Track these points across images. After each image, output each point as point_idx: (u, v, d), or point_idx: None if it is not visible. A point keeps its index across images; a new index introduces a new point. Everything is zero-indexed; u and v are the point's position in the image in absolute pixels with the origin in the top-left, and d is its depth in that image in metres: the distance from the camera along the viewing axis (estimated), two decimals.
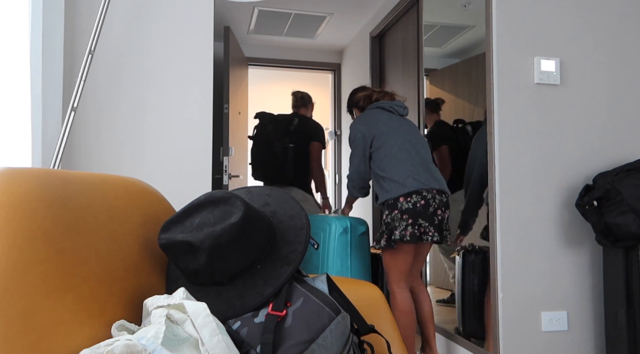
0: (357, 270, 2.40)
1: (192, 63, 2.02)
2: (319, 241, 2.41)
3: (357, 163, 2.24)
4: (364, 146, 2.21)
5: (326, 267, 2.35)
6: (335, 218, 2.41)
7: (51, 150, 1.69)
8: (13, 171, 0.69)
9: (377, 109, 2.30)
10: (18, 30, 1.52)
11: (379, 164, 2.16)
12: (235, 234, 0.81)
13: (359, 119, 2.29)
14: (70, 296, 0.67)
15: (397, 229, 2.03)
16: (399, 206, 2.04)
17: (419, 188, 2.04)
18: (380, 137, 2.17)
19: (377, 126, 2.20)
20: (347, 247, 2.36)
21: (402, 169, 2.09)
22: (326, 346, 0.77)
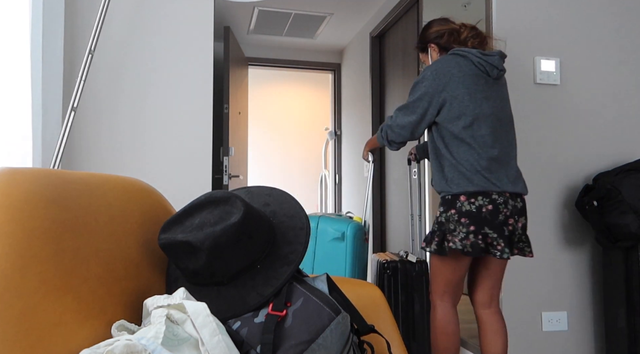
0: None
1: (192, 63, 2.02)
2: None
3: (410, 122, 1.70)
4: (427, 106, 1.66)
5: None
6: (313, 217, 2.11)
7: (51, 150, 1.69)
8: (13, 171, 0.69)
9: (463, 60, 1.68)
10: (18, 31, 1.52)
11: (444, 139, 1.67)
12: (235, 234, 0.81)
13: (436, 67, 1.67)
14: (70, 296, 0.67)
15: (453, 234, 1.60)
16: (458, 205, 1.60)
17: (488, 189, 1.59)
18: (456, 106, 1.63)
19: (457, 88, 1.63)
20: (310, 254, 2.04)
21: (472, 158, 1.61)
22: (326, 346, 0.77)
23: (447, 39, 1.79)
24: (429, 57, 1.85)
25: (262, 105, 6.15)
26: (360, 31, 4.05)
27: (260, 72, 5.81)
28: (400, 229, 3.25)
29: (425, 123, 1.69)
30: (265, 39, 4.30)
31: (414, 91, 1.71)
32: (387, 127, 1.79)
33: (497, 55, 1.69)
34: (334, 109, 4.63)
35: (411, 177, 3.09)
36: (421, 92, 1.67)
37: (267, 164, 5.99)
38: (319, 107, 6.24)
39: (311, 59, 4.58)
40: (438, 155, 1.70)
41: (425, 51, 1.88)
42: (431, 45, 1.83)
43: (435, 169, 1.72)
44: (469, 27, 1.80)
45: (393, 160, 3.39)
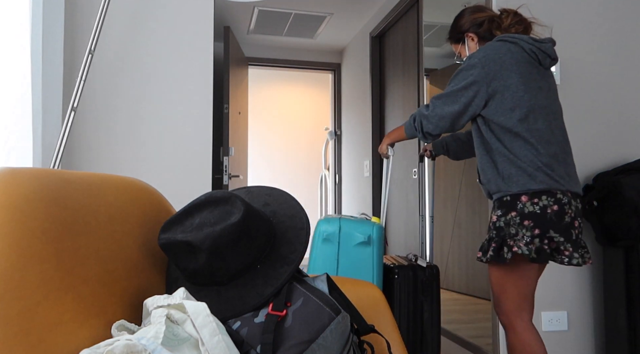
0: None
1: (192, 63, 2.02)
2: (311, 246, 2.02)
3: (451, 113, 1.54)
4: (473, 96, 1.50)
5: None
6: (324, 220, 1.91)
7: (51, 150, 1.70)
8: (13, 171, 0.69)
9: (514, 46, 1.51)
10: (18, 31, 1.52)
11: (498, 133, 1.50)
12: (235, 234, 0.81)
13: (485, 53, 1.51)
14: (70, 296, 0.67)
15: (515, 239, 1.42)
16: (519, 206, 1.43)
17: (552, 187, 1.42)
18: (509, 97, 1.47)
19: (510, 76, 1.48)
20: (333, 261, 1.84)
21: (532, 153, 1.45)
22: (326, 346, 0.77)
23: (487, 26, 1.64)
24: (466, 48, 1.70)
25: (262, 105, 6.15)
26: (360, 31, 4.05)
27: (260, 72, 5.82)
28: (401, 230, 3.25)
29: (468, 115, 1.53)
30: (265, 39, 4.30)
31: (458, 78, 1.54)
32: (423, 117, 1.61)
33: (549, 42, 1.54)
34: (334, 109, 4.63)
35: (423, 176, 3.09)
36: (468, 80, 1.50)
37: (267, 164, 6.00)
38: (319, 107, 6.25)
39: (311, 59, 4.58)
40: (489, 150, 1.53)
41: (459, 42, 1.72)
42: (469, 35, 1.68)
43: (485, 166, 1.54)
44: (512, 13, 1.64)
45: (393, 160, 3.39)
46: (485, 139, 1.54)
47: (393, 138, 1.88)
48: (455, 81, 1.55)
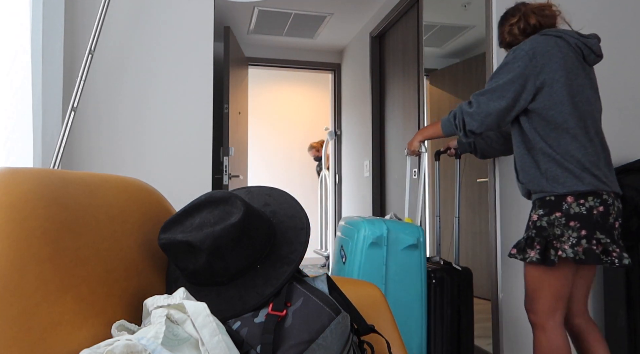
0: (400, 305, 1.67)
1: (192, 63, 2.02)
2: (347, 252, 1.77)
3: (498, 109, 1.47)
4: (521, 91, 1.44)
5: None
6: (367, 222, 1.72)
7: (51, 150, 1.70)
8: (13, 171, 0.69)
9: (560, 40, 1.47)
10: (18, 31, 1.52)
11: (539, 129, 1.45)
12: (235, 234, 0.81)
13: (532, 45, 1.46)
14: (70, 296, 0.67)
15: (561, 240, 1.40)
16: (564, 207, 1.40)
17: (599, 188, 1.40)
18: (557, 90, 1.42)
19: (558, 70, 1.43)
20: (381, 266, 1.67)
21: (579, 152, 1.41)
22: (326, 346, 0.77)
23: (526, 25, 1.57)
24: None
25: (262, 105, 6.15)
26: (360, 31, 4.05)
27: (260, 72, 5.82)
28: None
29: (516, 110, 1.46)
30: (265, 39, 4.30)
31: (502, 73, 1.47)
32: (466, 114, 1.53)
33: (594, 38, 1.50)
34: (334, 109, 4.63)
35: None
36: (514, 73, 1.44)
37: (267, 164, 6.00)
38: (319, 107, 6.24)
39: (311, 59, 4.58)
40: (530, 148, 1.48)
41: (511, 47, 1.64)
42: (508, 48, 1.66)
43: (526, 165, 1.50)
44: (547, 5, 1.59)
45: (393, 160, 3.39)
46: (528, 137, 1.48)
47: (427, 135, 1.79)
48: (500, 75, 1.47)
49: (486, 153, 1.93)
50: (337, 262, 1.90)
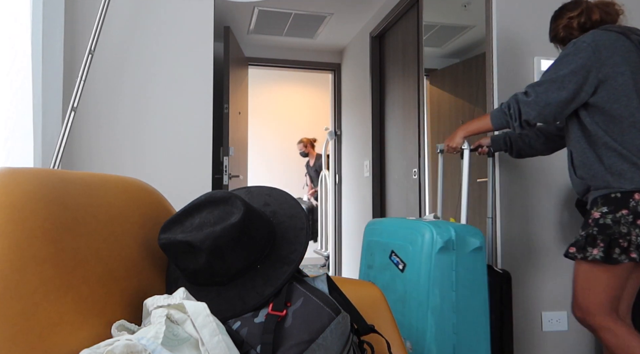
0: (469, 311, 1.55)
1: (192, 63, 2.02)
2: (406, 258, 1.60)
3: (558, 100, 1.41)
4: (583, 83, 1.40)
5: (416, 300, 1.53)
6: (431, 224, 1.59)
7: (51, 150, 1.69)
8: (13, 171, 0.69)
9: (621, 35, 1.44)
10: (18, 31, 1.52)
11: (605, 125, 1.40)
12: (235, 234, 0.81)
13: (594, 37, 1.43)
14: (70, 296, 0.67)
15: (628, 240, 1.35)
16: (632, 204, 1.35)
17: None
18: (621, 83, 1.39)
19: (621, 64, 1.40)
20: (450, 272, 1.54)
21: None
22: (326, 346, 0.77)
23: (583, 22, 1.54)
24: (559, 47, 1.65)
25: (262, 105, 6.15)
26: (360, 31, 4.05)
27: (260, 72, 5.82)
28: None
29: (576, 103, 1.42)
30: (265, 39, 4.30)
31: (562, 64, 1.42)
32: (523, 103, 1.46)
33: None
34: (334, 109, 4.63)
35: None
36: (576, 64, 1.40)
37: (267, 164, 6.00)
38: (319, 107, 6.24)
39: (311, 59, 4.58)
40: (592, 143, 1.42)
41: (564, 42, 1.60)
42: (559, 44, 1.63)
43: (588, 160, 1.44)
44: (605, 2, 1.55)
45: (393, 160, 3.39)
46: (589, 132, 1.42)
47: (472, 130, 1.70)
48: (561, 66, 1.42)
49: (523, 152, 1.85)
50: (376, 269, 1.72)
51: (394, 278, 1.61)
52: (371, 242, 1.76)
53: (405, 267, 1.55)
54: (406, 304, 1.54)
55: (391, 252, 1.64)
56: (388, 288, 1.63)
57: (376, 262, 1.71)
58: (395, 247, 1.64)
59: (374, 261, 1.73)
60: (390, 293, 1.61)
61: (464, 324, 1.51)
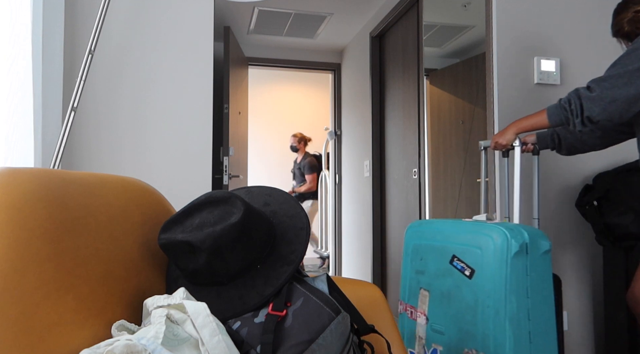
0: (542, 318, 1.45)
1: (192, 63, 2.02)
2: (473, 264, 1.48)
3: (627, 96, 1.35)
4: None
5: (492, 309, 1.41)
6: (502, 226, 1.47)
7: (51, 150, 1.69)
8: (13, 171, 0.69)
9: None
10: (19, 31, 1.52)
11: None
12: (235, 234, 0.81)
13: None
14: (70, 296, 0.67)
15: None
16: None
17: None
18: None
19: None
20: (525, 278, 1.43)
21: None
22: (326, 346, 0.77)
23: (630, 26, 1.52)
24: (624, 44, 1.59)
25: (262, 105, 6.15)
26: (360, 31, 4.05)
27: (260, 72, 5.82)
28: (401, 231, 3.25)
29: None
30: (265, 39, 4.30)
31: (631, 58, 1.36)
32: (586, 98, 1.39)
33: None
34: (334, 109, 4.63)
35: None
36: None
37: (267, 164, 6.00)
38: (319, 107, 6.24)
39: (311, 59, 4.58)
40: None
41: (630, 37, 1.55)
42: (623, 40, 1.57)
43: None
44: None
45: (393, 160, 3.39)
46: None
47: (525, 126, 1.61)
48: (628, 60, 1.36)
49: (574, 149, 1.77)
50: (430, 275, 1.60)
51: (459, 284, 1.49)
52: (419, 246, 1.66)
53: (473, 273, 1.45)
54: (478, 314, 1.42)
55: (452, 257, 1.53)
56: (451, 296, 1.52)
57: (430, 268, 1.60)
58: (457, 252, 1.53)
59: (426, 267, 1.62)
60: (455, 301, 1.50)
61: (538, 332, 1.44)
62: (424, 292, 1.61)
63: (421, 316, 1.61)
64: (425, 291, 1.60)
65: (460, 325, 1.47)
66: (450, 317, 1.51)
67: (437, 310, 1.55)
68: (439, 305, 1.55)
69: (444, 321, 1.52)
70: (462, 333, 1.46)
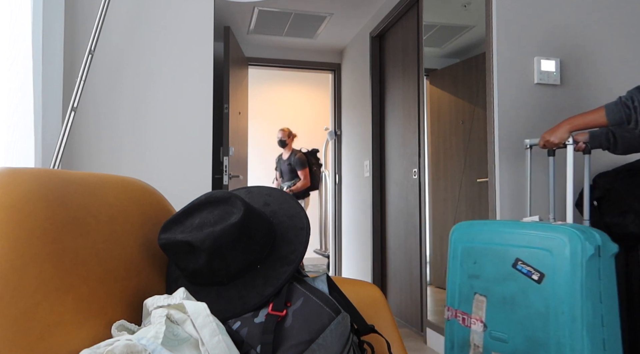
0: (613, 323, 1.40)
1: (192, 63, 2.02)
2: (543, 268, 1.40)
3: None
4: None
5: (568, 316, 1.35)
6: (573, 228, 1.37)
7: (51, 150, 1.69)
8: (13, 171, 0.69)
9: None
10: (19, 31, 1.52)
11: None
12: (235, 234, 0.81)
13: None
14: (70, 296, 0.67)
15: None
16: None
17: None
18: None
19: None
20: (598, 282, 1.36)
21: None
22: (326, 346, 0.77)
23: None
24: None
25: (262, 105, 6.15)
26: (360, 31, 4.05)
27: (260, 72, 5.82)
28: (401, 231, 3.25)
29: None
30: (265, 39, 4.30)
31: None
32: (635, 99, 1.31)
33: None
34: (334, 109, 4.63)
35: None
36: None
37: (267, 164, 6.00)
38: (319, 107, 6.24)
39: (311, 59, 4.58)
40: None
41: None
42: None
43: None
44: None
45: (393, 160, 3.39)
46: None
47: (579, 124, 1.55)
48: None
49: (632, 148, 1.70)
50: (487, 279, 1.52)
51: (525, 290, 1.41)
52: (470, 248, 1.58)
53: (543, 277, 1.37)
54: (551, 321, 1.34)
55: (516, 260, 1.45)
56: (515, 302, 1.43)
57: (487, 272, 1.52)
58: (522, 255, 1.44)
59: (481, 271, 1.53)
60: (520, 307, 1.41)
61: (610, 338, 1.39)
62: (480, 297, 1.52)
63: (477, 323, 1.51)
64: (482, 296, 1.52)
65: (528, 333, 1.38)
66: (514, 324, 1.42)
67: (498, 316, 1.46)
68: (500, 311, 1.46)
69: (507, 328, 1.43)
70: (531, 341, 1.37)
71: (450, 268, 1.63)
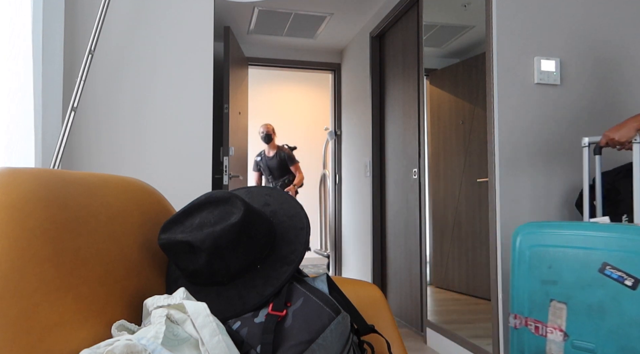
0: None
1: (192, 63, 2.02)
2: (636, 272, 1.31)
3: None
4: None
5: None
6: None
7: (51, 150, 1.69)
8: (13, 171, 0.69)
9: None
10: (19, 31, 1.52)
11: None
12: (235, 234, 0.81)
13: None
14: (70, 296, 0.67)
15: None
16: None
17: None
18: None
19: None
20: None
21: None
22: (326, 346, 0.77)
23: None
24: None
25: (262, 105, 6.14)
26: (360, 31, 4.05)
27: (260, 72, 5.82)
28: (401, 231, 3.25)
29: None
30: (265, 39, 4.30)
31: None
32: None
33: None
34: (334, 109, 4.63)
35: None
36: None
37: None
38: (319, 107, 6.24)
39: (311, 59, 4.58)
40: None
41: None
42: None
43: None
44: None
45: (393, 160, 3.39)
46: None
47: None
48: None
49: None
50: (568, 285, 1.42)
51: (616, 297, 1.32)
52: (543, 251, 1.50)
53: (638, 283, 1.29)
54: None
55: (603, 264, 1.36)
56: (604, 309, 1.33)
57: (566, 277, 1.43)
58: (610, 259, 1.35)
59: (559, 276, 1.44)
60: (611, 315, 1.32)
61: None
62: (559, 304, 1.43)
63: (555, 332, 1.43)
64: (560, 303, 1.43)
65: (623, 342, 1.29)
66: (605, 333, 1.32)
67: (584, 325, 1.37)
68: (585, 319, 1.37)
69: (594, 338, 1.34)
70: (625, 352, 1.29)
71: (515, 272, 1.53)
